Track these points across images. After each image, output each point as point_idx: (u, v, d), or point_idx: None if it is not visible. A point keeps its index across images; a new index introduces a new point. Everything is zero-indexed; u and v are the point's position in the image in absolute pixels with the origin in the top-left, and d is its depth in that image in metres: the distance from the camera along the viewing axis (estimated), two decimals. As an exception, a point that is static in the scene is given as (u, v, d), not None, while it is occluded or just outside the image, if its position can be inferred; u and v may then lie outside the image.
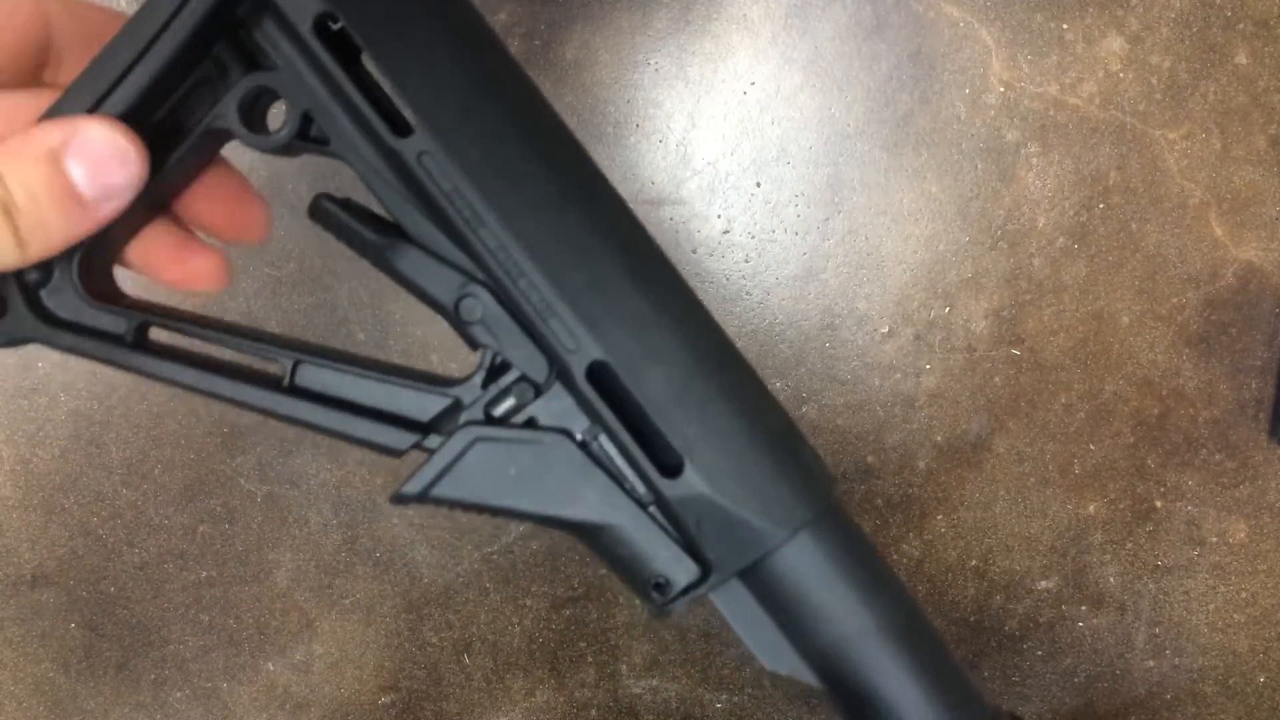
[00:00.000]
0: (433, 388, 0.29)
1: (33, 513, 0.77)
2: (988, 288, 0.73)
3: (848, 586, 0.29)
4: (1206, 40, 0.71)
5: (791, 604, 0.29)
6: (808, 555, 0.29)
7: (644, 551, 0.28)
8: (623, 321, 0.27)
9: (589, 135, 0.72)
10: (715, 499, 0.28)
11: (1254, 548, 0.76)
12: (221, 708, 0.79)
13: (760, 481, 0.28)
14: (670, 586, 0.28)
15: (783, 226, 0.73)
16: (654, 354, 0.27)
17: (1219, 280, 0.73)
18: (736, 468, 0.28)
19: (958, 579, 0.77)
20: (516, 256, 0.27)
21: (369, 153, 0.27)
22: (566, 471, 0.28)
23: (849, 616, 0.29)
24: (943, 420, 0.75)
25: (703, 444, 0.28)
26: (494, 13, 0.70)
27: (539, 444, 0.28)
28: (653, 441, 0.28)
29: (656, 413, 0.27)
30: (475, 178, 0.26)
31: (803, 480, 0.29)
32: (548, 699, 0.78)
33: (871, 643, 0.29)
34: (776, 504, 0.28)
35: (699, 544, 0.28)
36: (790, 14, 0.71)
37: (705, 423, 0.28)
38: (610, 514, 0.28)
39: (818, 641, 0.29)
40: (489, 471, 0.28)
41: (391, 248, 0.28)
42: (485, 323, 0.28)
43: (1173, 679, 0.77)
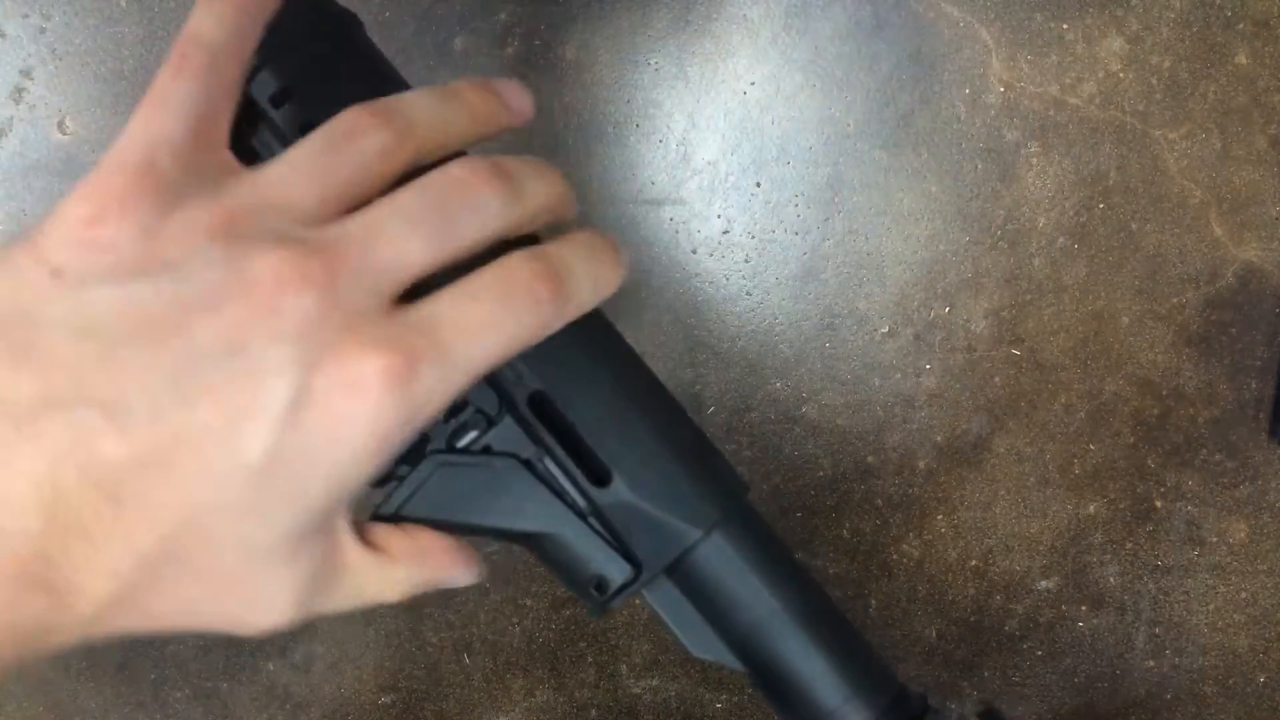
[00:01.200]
0: None
1: (33, 513, 0.77)
2: (988, 288, 0.73)
3: (758, 577, 0.34)
4: (1206, 40, 0.71)
5: (711, 595, 0.34)
6: (722, 551, 0.34)
7: (583, 555, 0.33)
8: (556, 358, 0.33)
9: (589, 135, 0.72)
10: (639, 504, 0.33)
11: (1254, 548, 0.76)
12: (221, 708, 0.79)
13: (677, 488, 0.33)
14: (607, 585, 0.33)
15: (783, 226, 0.73)
16: (583, 386, 0.33)
17: (1219, 280, 0.73)
18: (656, 477, 0.33)
19: (958, 579, 0.77)
20: None
21: None
22: (515, 489, 0.33)
23: (760, 604, 0.34)
24: (943, 420, 0.75)
25: (626, 457, 0.33)
26: (494, 13, 0.70)
27: (491, 467, 0.33)
28: (586, 458, 0.33)
29: (587, 433, 0.33)
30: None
31: (715, 486, 0.34)
32: (548, 699, 0.78)
33: (781, 626, 0.34)
34: (692, 507, 0.33)
35: (629, 545, 0.33)
36: (790, 14, 0.71)
37: (628, 440, 0.33)
38: (553, 524, 0.33)
39: (736, 628, 0.34)
40: (450, 492, 0.33)
41: None
42: None
43: (1173, 679, 0.77)
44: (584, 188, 0.72)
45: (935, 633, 0.77)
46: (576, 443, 0.33)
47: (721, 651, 0.35)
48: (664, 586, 0.34)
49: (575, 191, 0.34)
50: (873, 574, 0.77)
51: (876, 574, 0.77)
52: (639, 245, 0.73)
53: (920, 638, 0.77)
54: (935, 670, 0.78)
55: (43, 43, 0.69)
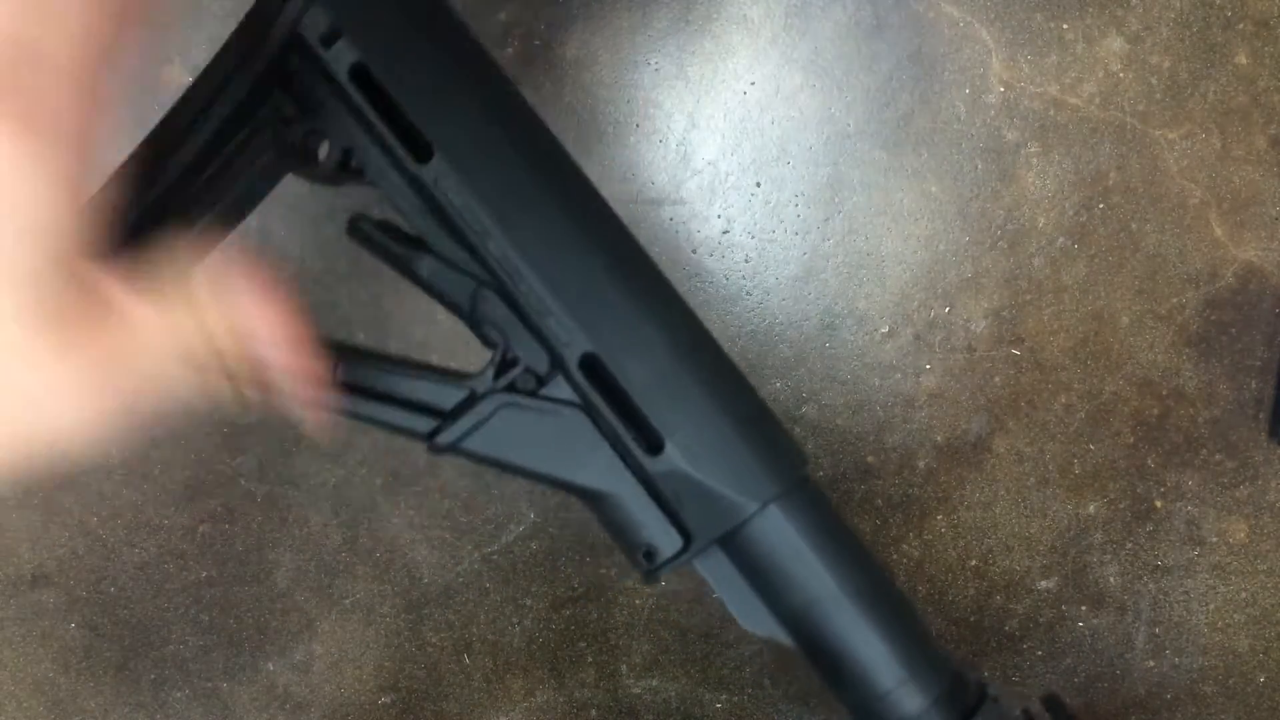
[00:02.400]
0: (452, 381, 0.33)
1: (33, 513, 0.77)
2: (988, 288, 0.73)
3: (816, 555, 0.33)
4: (1206, 40, 0.71)
5: (765, 571, 0.33)
6: (778, 526, 0.33)
7: (637, 520, 0.32)
8: (610, 318, 0.32)
9: (589, 135, 0.72)
10: (692, 474, 0.32)
11: (1254, 548, 0.76)
12: (221, 708, 0.79)
13: (733, 459, 0.32)
14: (657, 554, 0.32)
15: (783, 226, 0.73)
16: (638, 346, 0.32)
17: (1219, 280, 0.73)
18: (711, 446, 0.32)
19: (958, 579, 0.77)
20: (518, 264, 0.31)
21: (397, 178, 0.32)
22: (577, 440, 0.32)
23: (817, 583, 0.33)
24: (943, 420, 0.75)
25: (681, 425, 0.32)
26: (494, 13, 0.70)
27: (557, 414, 0.32)
28: (638, 423, 0.32)
29: (640, 397, 0.32)
30: (483, 196, 0.31)
31: (773, 458, 0.33)
32: (548, 699, 0.78)
33: (839, 607, 0.33)
34: (748, 479, 0.32)
35: (680, 515, 0.32)
36: (790, 14, 0.71)
37: (683, 407, 0.32)
38: (612, 483, 0.32)
39: (790, 605, 0.33)
40: (511, 433, 0.32)
41: (415, 258, 0.32)
42: (495, 322, 0.32)
43: (1173, 679, 0.77)
44: (584, 188, 0.72)
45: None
46: (630, 408, 0.32)
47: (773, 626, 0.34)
48: (716, 557, 0.33)
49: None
50: (873, 574, 0.77)
51: (876, 574, 0.77)
52: (639, 245, 0.73)
53: (920, 638, 0.77)
54: (935, 670, 0.78)
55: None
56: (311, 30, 0.30)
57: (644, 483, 0.32)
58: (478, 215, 0.31)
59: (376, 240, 0.33)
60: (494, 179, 0.31)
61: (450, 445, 0.33)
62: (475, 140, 0.31)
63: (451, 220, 0.31)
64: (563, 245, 0.32)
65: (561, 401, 0.32)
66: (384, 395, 0.33)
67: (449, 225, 0.32)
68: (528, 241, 0.31)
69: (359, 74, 0.31)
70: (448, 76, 0.31)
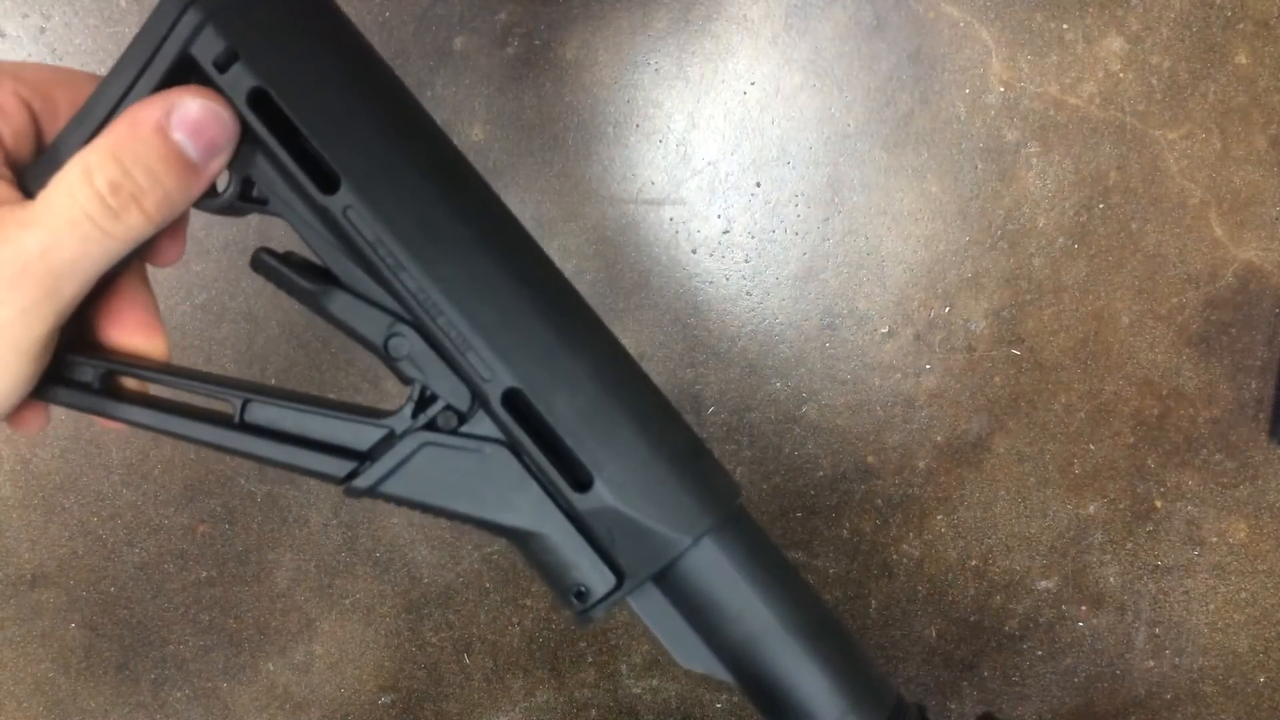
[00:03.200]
0: (369, 420, 0.32)
1: (33, 513, 0.77)
2: (988, 288, 0.73)
3: (751, 588, 0.32)
4: (1206, 40, 0.71)
5: (701, 606, 0.32)
6: (712, 560, 0.32)
7: (567, 560, 0.31)
8: (532, 352, 0.30)
9: (589, 135, 0.72)
10: (623, 510, 0.31)
11: (1254, 548, 0.76)
12: (221, 708, 0.79)
13: (663, 494, 0.31)
14: (589, 594, 0.31)
15: (783, 226, 0.73)
16: (562, 381, 0.30)
17: (1219, 280, 0.73)
18: (641, 482, 0.31)
19: (958, 579, 0.77)
20: (434, 297, 0.30)
21: (302, 209, 0.30)
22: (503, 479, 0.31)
23: (754, 616, 0.32)
24: (943, 420, 0.75)
25: (609, 461, 0.31)
26: (494, 12, 0.70)
27: (480, 453, 0.31)
28: (566, 460, 0.31)
29: (566, 433, 0.30)
30: (394, 227, 0.29)
31: (704, 491, 0.32)
32: (548, 699, 0.78)
33: (776, 640, 0.32)
34: (679, 514, 0.31)
35: (612, 553, 0.31)
36: (790, 14, 0.71)
37: (611, 442, 0.31)
38: (539, 522, 0.31)
39: (727, 640, 0.32)
40: (434, 474, 0.31)
41: (325, 294, 0.31)
42: (412, 358, 0.31)
43: (1173, 679, 0.77)
44: (584, 188, 0.72)
45: (935, 633, 0.77)
46: (556, 444, 0.31)
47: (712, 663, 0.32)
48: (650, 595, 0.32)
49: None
50: (873, 574, 0.77)
51: (876, 574, 0.77)
52: (639, 245, 0.73)
53: (920, 638, 0.77)
54: (935, 670, 0.78)
55: (43, 43, 0.69)
56: (205, 53, 0.28)
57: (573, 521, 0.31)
58: (389, 247, 0.29)
59: (282, 275, 0.31)
60: (406, 210, 0.29)
61: (368, 489, 0.31)
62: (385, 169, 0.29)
63: (362, 253, 0.30)
64: (481, 277, 0.30)
65: (485, 439, 0.31)
66: (294, 437, 0.32)
67: (360, 258, 0.30)
68: (444, 275, 0.30)
69: (258, 99, 0.29)
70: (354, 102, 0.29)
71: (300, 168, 0.29)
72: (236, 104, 0.29)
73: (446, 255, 0.30)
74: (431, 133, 0.31)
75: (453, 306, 0.30)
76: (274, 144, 0.29)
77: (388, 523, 0.77)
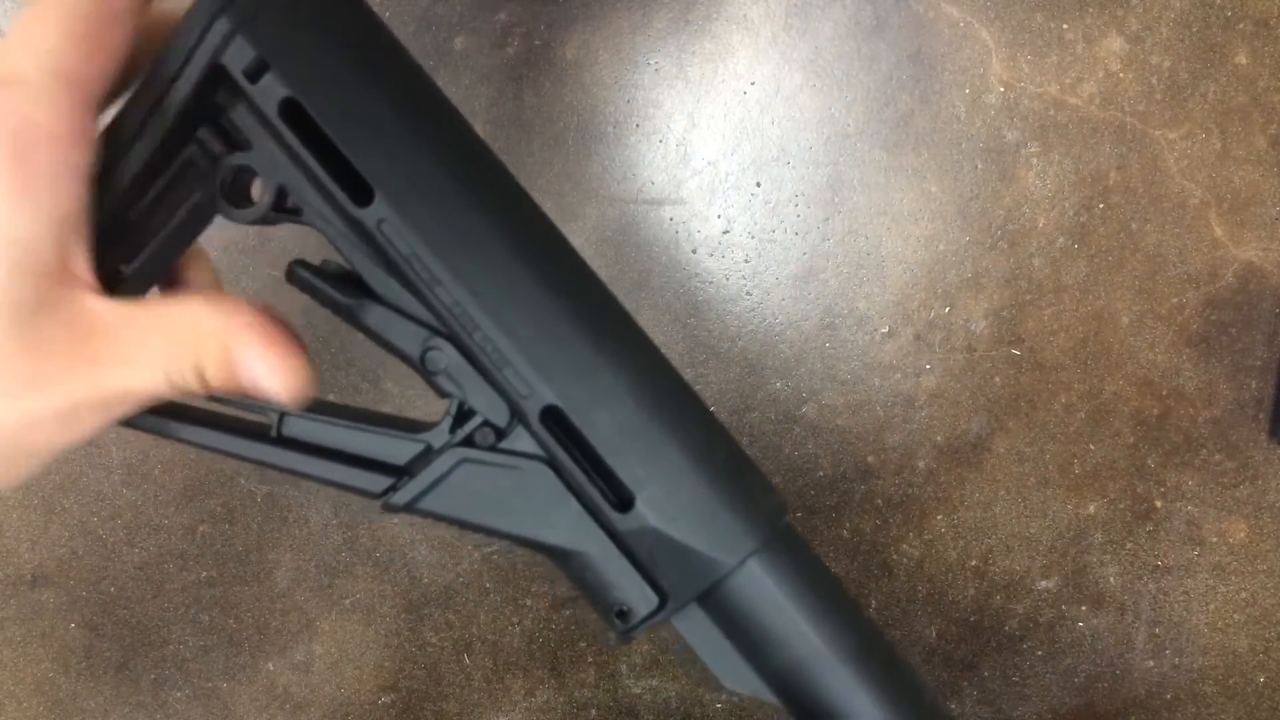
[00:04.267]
0: (406, 434, 0.31)
1: (33, 513, 0.77)
2: (988, 288, 0.73)
3: (799, 611, 0.31)
4: (1206, 40, 0.71)
5: (747, 628, 0.31)
6: (758, 582, 0.31)
7: (609, 579, 0.31)
8: (571, 368, 0.29)
9: (589, 135, 0.72)
10: (665, 531, 0.30)
11: (1254, 548, 0.76)
12: (221, 708, 0.79)
13: (707, 513, 0.30)
14: (631, 614, 0.31)
15: (783, 226, 0.73)
16: (602, 397, 0.30)
17: (1219, 280, 0.73)
18: (684, 501, 0.30)
19: (958, 579, 0.77)
20: (471, 312, 0.29)
21: (336, 221, 0.29)
22: (542, 496, 0.30)
23: (801, 640, 0.31)
24: (943, 420, 0.75)
25: (651, 480, 0.30)
26: (494, 12, 0.70)
27: (519, 469, 0.30)
28: (607, 478, 0.30)
29: (607, 452, 0.30)
30: (430, 240, 0.29)
31: (749, 510, 0.31)
32: (548, 699, 0.78)
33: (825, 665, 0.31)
34: (724, 534, 0.30)
35: (655, 573, 0.30)
36: (790, 14, 0.71)
37: (653, 460, 0.30)
38: (580, 541, 0.30)
39: (774, 664, 0.31)
40: (471, 490, 0.30)
41: (360, 306, 0.30)
42: (449, 373, 0.30)
43: (1173, 679, 0.77)
44: (584, 188, 0.72)
45: (935, 632, 0.77)
46: (597, 462, 0.30)
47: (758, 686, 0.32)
48: (694, 616, 0.31)
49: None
50: (873, 574, 0.77)
51: (876, 574, 0.77)
52: (639, 245, 0.73)
53: (920, 638, 0.77)
54: (935, 670, 0.78)
55: (43, 43, 0.69)
56: (235, 62, 0.28)
57: (614, 540, 0.30)
58: (425, 262, 0.29)
59: (318, 288, 0.30)
60: (442, 222, 0.29)
61: (406, 505, 0.31)
62: (420, 181, 0.29)
63: (397, 266, 0.29)
64: (519, 291, 0.29)
65: (524, 455, 0.30)
66: (331, 452, 0.32)
67: (395, 271, 0.29)
68: (481, 289, 0.29)
69: (290, 110, 0.28)
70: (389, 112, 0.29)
71: (333, 179, 0.29)
72: (268, 114, 0.28)
73: (483, 269, 0.29)
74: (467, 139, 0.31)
75: (489, 321, 0.29)
76: (307, 155, 0.29)
77: (388, 523, 0.77)
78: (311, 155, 0.29)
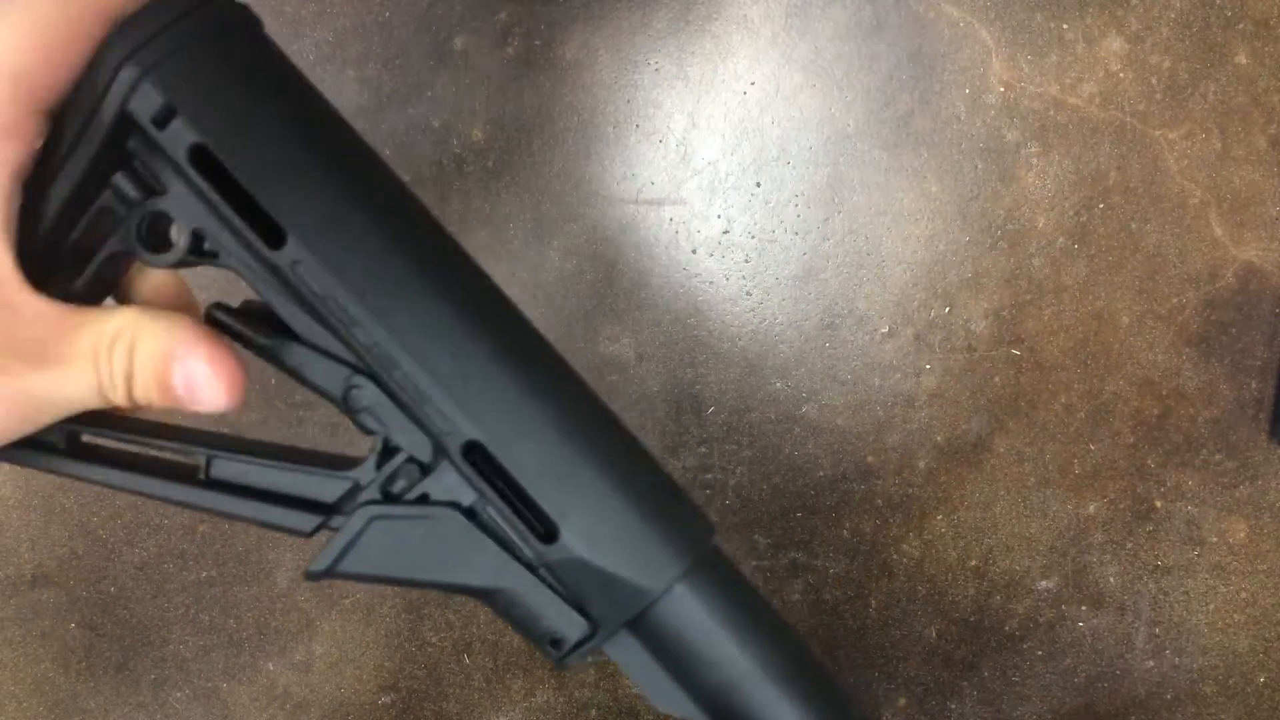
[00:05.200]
0: (333, 472, 0.31)
1: (33, 513, 0.77)
2: (988, 288, 0.73)
3: (727, 633, 0.31)
4: (1206, 40, 0.71)
5: (677, 652, 0.31)
6: (685, 606, 0.31)
7: (536, 611, 0.31)
8: (491, 402, 0.30)
9: (589, 135, 0.72)
10: (591, 561, 0.30)
11: (1254, 548, 0.76)
12: (221, 708, 0.79)
13: (632, 541, 0.30)
14: (564, 642, 0.31)
15: (783, 226, 0.73)
16: (523, 430, 0.30)
17: (1219, 280, 0.73)
18: (609, 530, 0.30)
19: (958, 579, 0.77)
20: (389, 350, 0.29)
21: (253, 263, 0.29)
22: (458, 542, 0.30)
23: (731, 662, 0.31)
24: (943, 420, 0.75)
25: (575, 511, 0.30)
26: (494, 12, 0.70)
27: (430, 518, 0.30)
28: (531, 510, 0.30)
29: (530, 484, 0.30)
30: (344, 281, 0.29)
31: (674, 535, 0.31)
32: (548, 699, 0.78)
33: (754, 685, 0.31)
34: (649, 561, 0.30)
35: (583, 602, 0.31)
36: (790, 14, 0.71)
37: (576, 491, 0.30)
38: (501, 579, 0.31)
39: (705, 686, 0.31)
40: (387, 546, 0.31)
41: (281, 346, 0.30)
42: (371, 410, 0.30)
43: (1173, 679, 0.77)
44: (584, 188, 0.72)
45: (935, 633, 0.77)
46: (520, 494, 0.30)
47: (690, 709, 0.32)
48: (625, 642, 0.32)
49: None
50: (873, 574, 0.77)
51: (876, 574, 0.77)
52: (639, 245, 0.73)
53: (920, 638, 0.77)
54: (935, 670, 0.78)
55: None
56: (143, 109, 0.27)
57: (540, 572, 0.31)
58: (341, 302, 0.29)
59: (236, 330, 0.30)
60: (355, 263, 0.29)
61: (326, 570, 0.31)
62: (332, 222, 0.29)
63: (313, 307, 0.29)
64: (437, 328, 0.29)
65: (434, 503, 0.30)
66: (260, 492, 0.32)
67: (313, 312, 0.29)
68: (398, 326, 0.29)
69: (199, 155, 0.28)
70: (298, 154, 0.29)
71: (246, 223, 0.28)
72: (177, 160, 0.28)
73: (399, 307, 0.29)
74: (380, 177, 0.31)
75: (408, 359, 0.29)
76: (218, 200, 0.28)
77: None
78: (223, 200, 0.28)
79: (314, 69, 0.71)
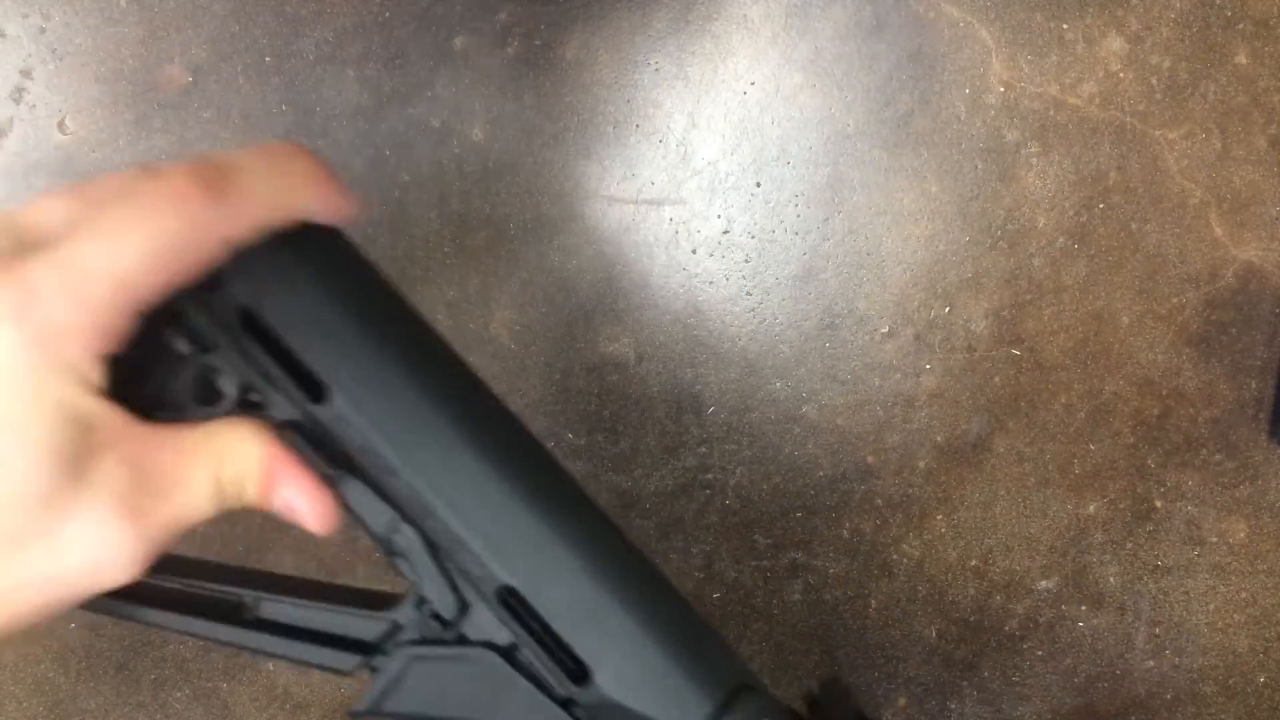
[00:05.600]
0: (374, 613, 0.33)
1: (33, 513, 0.77)
2: (988, 288, 0.73)
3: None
4: (1206, 40, 0.71)
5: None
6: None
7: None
8: (525, 550, 0.31)
9: (589, 135, 0.72)
10: (622, 703, 0.31)
11: (1254, 548, 0.76)
12: (221, 708, 0.79)
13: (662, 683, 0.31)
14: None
15: (783, 226, 0.73)
16: (556, 575, 0.31)
17: (1219, 280, 0.73)
18: (639, 673, 0.31)
19: (958, 579, 0.77)
20: (426, 500, 0.31)
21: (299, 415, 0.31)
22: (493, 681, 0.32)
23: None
24: (943, 420, 0.75)
25: (606, 654, 0.31)
26: (494, 12, 0.70)
27: (467, 659, 0.32)
28: (564, 652, 0.31)
29: (562, 628, 0.31)
30: (382, 434, 0.30)
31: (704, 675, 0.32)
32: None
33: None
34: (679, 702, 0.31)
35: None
36: (790, 14, 0.71)
37: (607, 634, 0.31)
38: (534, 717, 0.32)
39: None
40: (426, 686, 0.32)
41: (342, 480, 0.32)
42: (408, 558, 0.32)
43: (1173, 679, 0.77)
44: (584, 188, 0.72)
45: (935, 632, 0.77)
46: (554, 638, 0.31)
47: None
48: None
49: (331, 177, 0.30)
50: (873, 574, 0.77)
51: (876, 574, 0.77)
52: (639, 245, 0.73)
53: (920, 638, 0.77)
54: (935, 670, 0.78)
55: (43, 43, 0.69)
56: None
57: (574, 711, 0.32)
58: (379, 454, 0.30)
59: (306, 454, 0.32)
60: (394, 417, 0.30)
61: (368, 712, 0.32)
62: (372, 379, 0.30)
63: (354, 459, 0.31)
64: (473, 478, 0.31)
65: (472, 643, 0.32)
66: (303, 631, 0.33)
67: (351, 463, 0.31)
68: (435, 478, 0.31)
69: (246, 318, 0.30)
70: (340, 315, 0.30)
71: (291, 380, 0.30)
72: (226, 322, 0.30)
73: (435, 458, 0.30)
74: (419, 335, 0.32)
75: (444, 509, 0.31)
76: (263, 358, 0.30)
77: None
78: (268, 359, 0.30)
79: (314, 69, 0.71)
